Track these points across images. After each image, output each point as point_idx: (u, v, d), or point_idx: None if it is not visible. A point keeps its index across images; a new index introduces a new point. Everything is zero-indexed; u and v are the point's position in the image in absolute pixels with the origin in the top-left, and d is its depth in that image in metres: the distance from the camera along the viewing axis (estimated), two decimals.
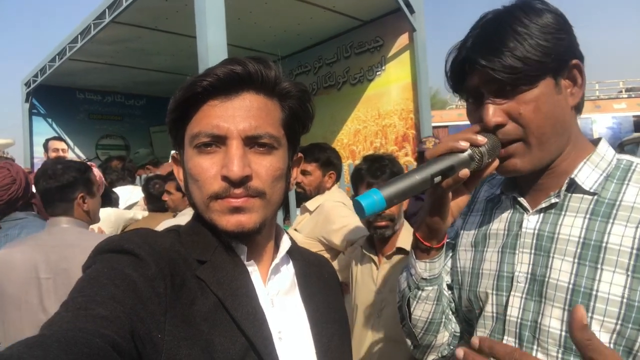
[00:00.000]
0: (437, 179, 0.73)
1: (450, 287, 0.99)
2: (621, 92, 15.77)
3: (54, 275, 1.62)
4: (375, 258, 1.91)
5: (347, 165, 5.23)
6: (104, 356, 0.47)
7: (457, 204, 0.84)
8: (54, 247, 1.67)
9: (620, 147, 7.95)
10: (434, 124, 6.31)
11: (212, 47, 3.86)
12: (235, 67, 0.68)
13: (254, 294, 0.70)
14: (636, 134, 8.79)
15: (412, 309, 0.94)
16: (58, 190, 1.76)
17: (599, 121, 13.78)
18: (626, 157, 0.82)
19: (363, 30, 6.78)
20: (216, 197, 0.68)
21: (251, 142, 0.69)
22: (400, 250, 1.83)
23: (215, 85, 0.68)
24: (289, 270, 0.80)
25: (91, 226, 1.92)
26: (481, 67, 0.75)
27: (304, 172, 2.53)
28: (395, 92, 6.49)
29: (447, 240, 0.97)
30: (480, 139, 0.76)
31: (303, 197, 2.62)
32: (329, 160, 2.54)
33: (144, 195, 2.79)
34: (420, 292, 0.91)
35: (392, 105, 6.53)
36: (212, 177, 0.68)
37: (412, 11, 5.88)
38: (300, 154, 0.83)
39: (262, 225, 0.70)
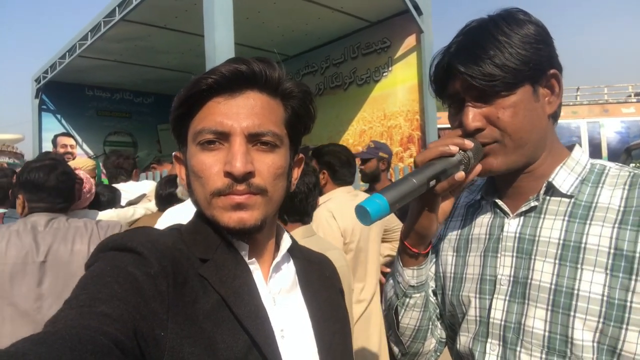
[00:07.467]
0: (432, 182, 0.75)
1: (434, 292, 0.99)
2: (630, 96, 15.56)
3: None
4: None
5: None
6: (107, 354, 0.48)
7: (443, 209, 0.87)
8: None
9: (627, 152, 7.78)
10: (439, 126, 6.29)
11: (220, 46, 3.87)
12: (240, 66, 0.69)
13: (256, 292, 0.71)
14: None
15: (400, 317, 0.93)
16: None
17: (607, 125, 13.61)
18: (599, 161, 0.85)
19: (370, 31, 6.77)
20: (219, 194, 0.69)
21: (254, 139, 0.70)
22: None
23: (219, 83, 0.69)
24: (290, 269, 0.81)
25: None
26: (461, 74, 0.78)
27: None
28: (402, 93, 6.47)
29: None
30: (467, 142, 0.78)
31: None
32: (324, 159, 2.59)
33: (155, 196, 2.73)
34: (408, 299, 0.91)
35: (398, 107, 6.51)
36: (215, 173, 0.69)
37: (420, 13, 5.86)
38: (301, 155, 0.84)
39: (263, 222, 0.71)
